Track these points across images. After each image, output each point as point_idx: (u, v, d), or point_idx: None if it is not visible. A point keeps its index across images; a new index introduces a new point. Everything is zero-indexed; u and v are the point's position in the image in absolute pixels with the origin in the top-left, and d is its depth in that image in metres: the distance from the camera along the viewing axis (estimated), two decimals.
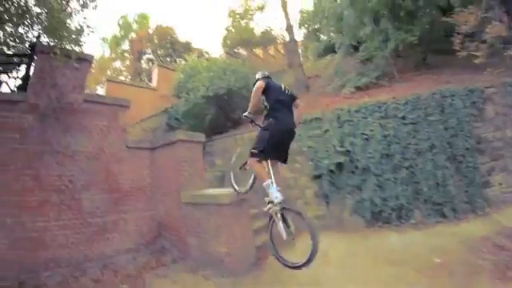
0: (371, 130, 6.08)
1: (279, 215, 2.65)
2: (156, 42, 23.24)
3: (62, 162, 5.28)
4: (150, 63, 22.95)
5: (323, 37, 14.60)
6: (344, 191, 6.11)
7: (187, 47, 22.17)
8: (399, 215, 5.68)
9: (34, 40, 5.36)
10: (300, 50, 11.60)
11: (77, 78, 5.45)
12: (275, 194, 2.67)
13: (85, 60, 5.56)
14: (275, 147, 2.91)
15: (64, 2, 5.30)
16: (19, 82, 5.61)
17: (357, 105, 6.40)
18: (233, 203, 4.51)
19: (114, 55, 25.85)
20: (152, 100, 12.41)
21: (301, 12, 15.84)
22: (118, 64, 25.72)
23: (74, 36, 5.62)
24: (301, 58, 11.63)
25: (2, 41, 5.36)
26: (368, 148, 6.01)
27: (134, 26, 25.24)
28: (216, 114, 9.08)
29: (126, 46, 25.26)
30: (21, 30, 5.29)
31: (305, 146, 6.48)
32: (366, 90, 7.68)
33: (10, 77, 5.62)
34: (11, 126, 5.15)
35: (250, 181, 3.55)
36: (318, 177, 6.33)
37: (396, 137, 5.91)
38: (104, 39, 25.54)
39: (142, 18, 24.77)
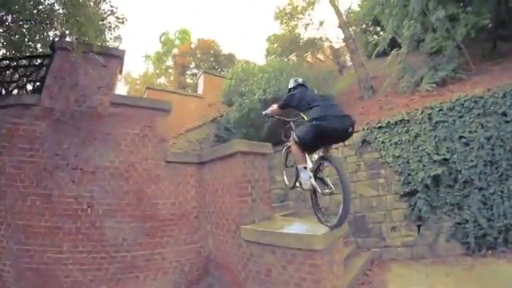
0: (470, 132, 4.85)
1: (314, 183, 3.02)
2: (199, 55, 23.34)
3: (81, 181, 4.19)
4: (194, 77, 22.80)
5: (373, 37, 13.13)
6: (440, 211, 4.93)
7: (230, 59, 21.92)
8: (506, 238, 4.44)
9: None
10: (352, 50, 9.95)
11: (103, 77, 4.45)
12: (305, 180, 3.05)
13: (114, 56, 4.62)
14: (317, 144, 2.98)
15: None
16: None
17: (448, 101, 5.28)
18: (327, 247, 2.99)
19: (157, 71, 26.35)
20: (198, 109, 11.31)
21: (348, 11, 13.98)
22: (162, 80, 25.99)
23: (99, 28, 4.87)
24: (361, 57, 10.17)
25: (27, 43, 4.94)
26: (469, 155, 4.80)
27: (176, 42, 25.60)
28: (276, 121, 7.49)
29: (169, 61, 25.74)
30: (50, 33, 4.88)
31: (389, 155, 5.41)
32: (445, 86, 6.48)
33: (29, 81, 4.60)
34: (22, 134, 4.20)
35: (294, 177, 3.52)
36: (409, 194, 5.16)
37: (499, 138, 4.67)
38: (147, 56, 26.06)
39: (184, 34, 25.18)
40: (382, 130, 5.60)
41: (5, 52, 4.99)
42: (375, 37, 12.74)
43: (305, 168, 3.00)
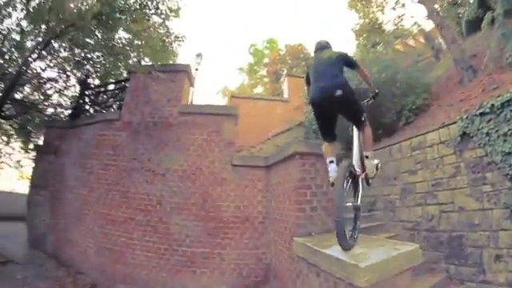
0: None
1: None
2: (289, 61, 23.63)
3: (152, 181, 4.76)
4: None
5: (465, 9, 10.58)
6: None
7: None
8: None
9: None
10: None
11: (172, 91, 5.06)
12: (331, 174, 2.50)
13: (179, 71, 5.23)
14: (322, 126, 2.68)
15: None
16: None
17: None
18: (376, 284, 2.10)
19: (252, 81, 27.45)
20: (285, 113, 10.82)
21: None
22: (259, 89, 26.76)
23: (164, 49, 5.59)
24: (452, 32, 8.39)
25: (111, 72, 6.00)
26: None
27: (266, 52, 26.56)
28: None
29: (262, 71, 26.45)
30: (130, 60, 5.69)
31: (497, 152, 3.99)
32: None
33: (115, 101, 5.56)
34: (107, 143, 5.04)
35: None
36: None
37: None
38: (240, 68, 27.39)
39: (271, 43, 25.90)
40: (485, 117, 4.23)
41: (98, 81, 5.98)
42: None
43: (330, 162, 2.52)
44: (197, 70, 9.49)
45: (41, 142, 6.14)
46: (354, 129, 2.85)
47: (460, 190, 4.42)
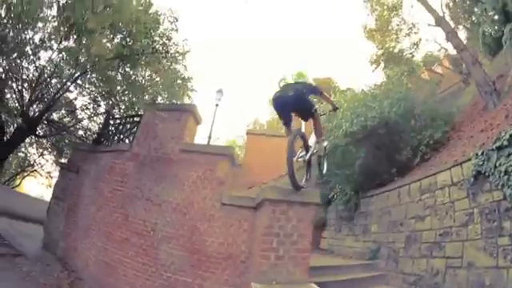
0: None
1: None
2: None
3: (149, 209, 5.35)
4: None
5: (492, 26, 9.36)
6: None
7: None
8: None
9: None
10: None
11: (175, 129, 5.67)
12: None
13: (185, 111, 5.83)
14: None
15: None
16: None
17: None
18: None
19: None
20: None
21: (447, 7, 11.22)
22: None
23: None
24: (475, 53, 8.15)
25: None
26: None
27: None
28: (370, 158, 6.61)
29: None
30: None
31: None
32: None
33: (131, 133, 6.30)
34: (117, 170, 5.79)
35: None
36: None
37: None
38: (270, 101, 28.61)
39: (300, 76, 25.54)
40: (503, 151, 3.55)
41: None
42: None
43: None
44: (217, 105, 10.02)
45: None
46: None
47: (471, 243, 3.77)
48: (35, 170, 7.41)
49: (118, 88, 6.47)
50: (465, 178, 4.08)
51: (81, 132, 6.94)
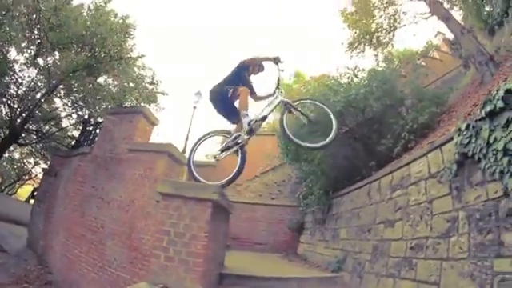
0: None
1: None
2: (313, 91, 24.25)
3: (101, 207, 5.63)
4: None
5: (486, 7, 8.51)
6: None
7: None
8: None
9: None
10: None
11: (128, 130, 5.95)
12: None
13: (137, 113, 6.10)
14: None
15: None
16: None
17: None
18: None
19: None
20: (275, 148, 9.76)
21: None
22: None
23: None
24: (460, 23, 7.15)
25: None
26: None
27: (294, 86, 27.54)
28: (348, 150, 5.96)
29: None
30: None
31: None
32: None
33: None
34: (81, 172, 6.25)
35: None
36: None
37: None
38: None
39: (299, 76, 25.42)
40: (497, 118, 2.36)
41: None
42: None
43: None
44: (195, 107, 10.24)
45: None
46: None
47: (453, 263, 2.56)
48: (31, 178, 8.38)
49: (92, 97, 7.05)
50: (446, 167, 2.86)
51: (68, 140, 7.67)
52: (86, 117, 7.32)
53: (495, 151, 2.27)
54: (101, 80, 7.02)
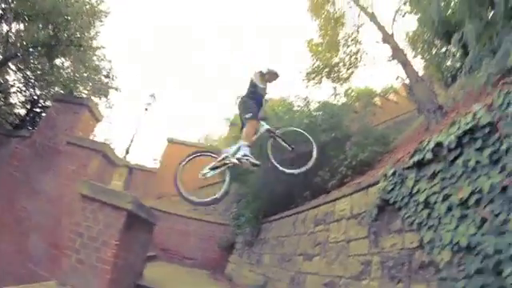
0: None
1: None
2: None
3: (30, 197, 5.39)
4: None
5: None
6: None
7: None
8: None
9: None
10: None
11: (71, 121, 5.69)
12: None
13: (82, 105, 5.83)
14: None
15: None
16: None
17: None
18: None
19: (233, 134, 28.65)
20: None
21: (408, 37, 10.36)
22: None
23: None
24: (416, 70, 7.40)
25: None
26: None
27: None
28: (285, 177, 5.44)
29: None
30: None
31: (443, 242, 1.98)
32: None
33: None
34: (17, 155, 5.89)
35: None
36: None
37: None
38: (227, 119, 28.68)
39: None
40: (424, 169, 2.35)
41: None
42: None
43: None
44: (146, 109, 10.09)
45: None
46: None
47: None
48: None
49: (44, 78, 6.67)
50: (368, 210, 2.85)
51: (12, 117, 7.25)
52: (36, 97, 6.94)
53: (416, 202, 2.29)
54: (58, 62, 6.63)
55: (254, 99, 3.45)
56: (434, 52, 9.66)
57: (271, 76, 3.54)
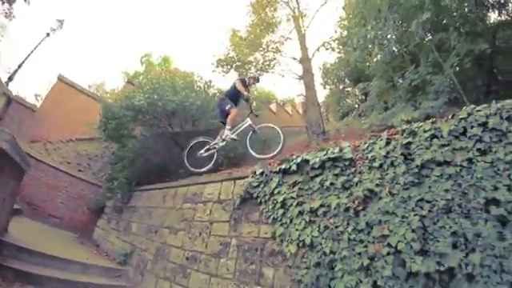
0: None
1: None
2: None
3: None
4: None
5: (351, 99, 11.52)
6: None
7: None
8: None
9: None
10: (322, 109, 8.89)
11: None
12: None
13: None
14: None
15: None
16: None
17: None
18: None
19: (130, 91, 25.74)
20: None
21: (324, 67, 12.20)
22: None
23: None
24: (317, 97, 8.38)
25: None
26: None
27: (157, 68, 24.14)
28: (167, 151, 6.32)
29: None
30: None
31: (292, 238, 2.62)
32: None
33: None
34: None
35: None
36: None
37: None
38: (126, 73, 25.37)
39: (165, 61, 24.27)
40: (288, 177, 2.88)
41: None
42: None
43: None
44: (48, 35, 8.80)
45: None
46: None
47: (219, 281, 3.00)
48: None
49: None
50: (233, 198, 3.35)
51: None
52: None
53: (275, 201, 2.82)
54: None
55: (230, 98, 4.65)
56: (340, 87, 11.84)
57: (252, 80, 4.88)
